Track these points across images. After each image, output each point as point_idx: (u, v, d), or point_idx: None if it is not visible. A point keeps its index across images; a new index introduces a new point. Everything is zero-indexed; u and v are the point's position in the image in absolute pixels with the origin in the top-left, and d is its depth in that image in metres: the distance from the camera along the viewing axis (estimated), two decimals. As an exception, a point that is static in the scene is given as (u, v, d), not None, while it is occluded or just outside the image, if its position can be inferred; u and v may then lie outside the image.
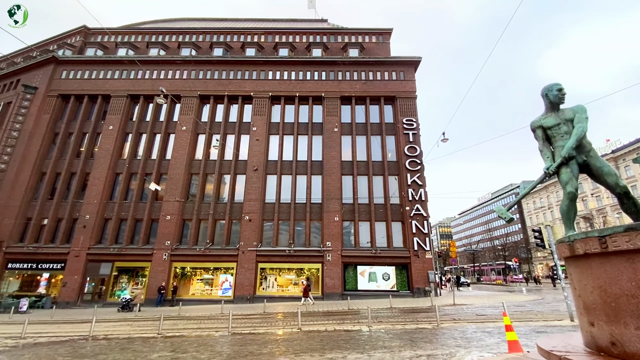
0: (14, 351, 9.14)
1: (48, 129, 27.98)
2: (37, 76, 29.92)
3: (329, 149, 26.55)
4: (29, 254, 24.61)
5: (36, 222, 25.60)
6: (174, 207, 25.18)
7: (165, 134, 28.03)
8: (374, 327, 11.50)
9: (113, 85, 29.21)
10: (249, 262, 23.71)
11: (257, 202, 25.22)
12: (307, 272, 24.18)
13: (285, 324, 13.03)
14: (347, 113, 28.21)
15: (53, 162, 27.16)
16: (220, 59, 29.51)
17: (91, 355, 8.44)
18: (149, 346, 9.38)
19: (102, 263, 24.38)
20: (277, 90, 28.47)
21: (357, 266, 23.97)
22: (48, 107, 28.50)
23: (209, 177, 26.90)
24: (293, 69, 29.24)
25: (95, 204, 25.41)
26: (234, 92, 28.58)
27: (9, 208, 25.24)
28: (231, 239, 25.03)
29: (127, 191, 26.63)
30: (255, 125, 27.51)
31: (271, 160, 26.94)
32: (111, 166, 26.77)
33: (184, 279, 24.34)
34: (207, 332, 11.70)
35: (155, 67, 29.70)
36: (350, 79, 28.70)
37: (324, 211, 24.86)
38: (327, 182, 25.58)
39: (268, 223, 25.45)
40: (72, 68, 30.12)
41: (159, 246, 24.16)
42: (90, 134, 28.27)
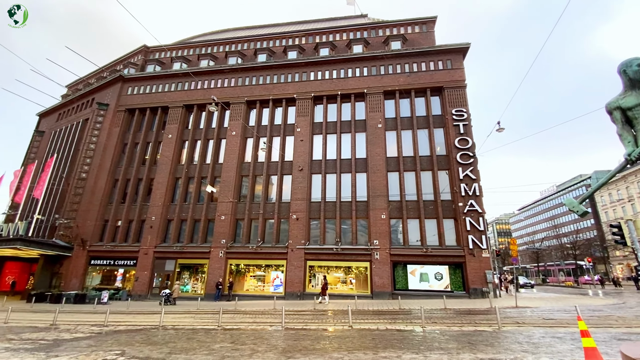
0: (99, 337, 10.41)
1: (118, 140, 31.40)
2: (107, 94, 33.74)
3: (373, 145, 26.16)
4: (107, 252, 27.87)
5: (112, 224, 28.89)
6: (228, 207, 26.71)
7: (217, 140, 29.86)
8: (427, 327, 11.10)
9: (170, 97, 31.84)
10: (297, 260, 24.30)
11: (303, 202, 25.73)
12: (355, 271, 24.12)
13: (336, 321, 13.13)
14: (391, 108, 27.54)
15: (123, 170, 30.44)
16: (264, 65, 30.61)
17: (162, 343, 9.31)
18: (211, 337, 10.08)
19: (166, 260, 26.73)
20: (319, 90, 28.76)
21: (407, 265, 23.31)
22: (117, 121, 31.97)
23: (258, 179, 28.08)
24: (334, 67, 29.31)
25: (159, 206, 27.95)
26: (278, 95, 29.47)
27: (90, 212, 28.81)
28: (280, 237, 25.87)
29: (186, 194, 28.86)
30: (299, 126, 28.08)
31: (315, 160, 27.30)
32: (171, 171, 29.22)
33: (239, 275, 25.72)
34: (261, 326, 12.24)
35: (206, 77, 31.75)
36: (394, 72, 27.95)
37: (370, 209, 24.57)
38: (373, 179, 25.23)
39: (314, 221, 25.85)
40: (135, 84, 33.45)
41: (215, 244, 25.83)
42: (153, 142, 31.14)
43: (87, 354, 7.87)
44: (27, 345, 8.98)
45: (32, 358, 7.43)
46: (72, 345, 8.91)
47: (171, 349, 8.41)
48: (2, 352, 8.03)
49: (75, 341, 9.62)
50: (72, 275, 27.12)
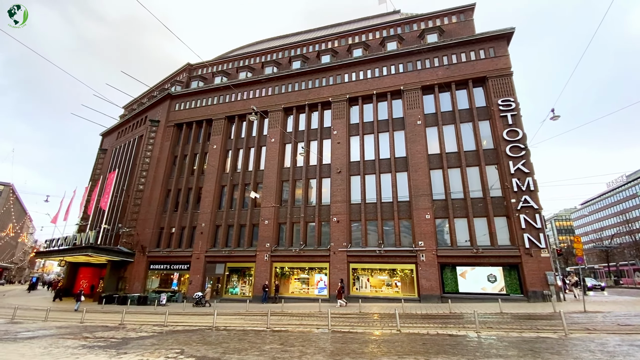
0: (160, 336, 11.22)
1: (169, 153, 33.87)
2: (158, 111, 36.60)
3: (413, 143, 25.36)
4: (164, 257, 30.06)
5: (167, 231, 31.15)
6: (270, 212, 27.50)
7: (258, 147, 30.96)
8: (482, 333, 10.44)
9: (213, 110, 33.68)
10: (340, 263, 24.23)
11: (343, 204, 25.66)
12: (400, 273, 23.46)
13: (383, 325, 12.85)
14: (430, 103, 26.55)
15: (175, 180, 32.74)
16: (299, 71, 31.18)
17: (216, 343, 9.78)
18: (260, 338, 10.40)
19: (216, 264, 28.16)
20: (354, 92, 28.62)
21: (456, 267, 22.16)
22: (168, 135, 34.50)
23: (298, 183, 28.58)
24: (368, 67, 28.99)
25: (208, 213, 29.59)
26: (314, 100, 29.83)
27: (148, 220, 31.34)
28: (322, 240, 26.01)
29: (232, 200, 30.24)
30: (336, 128, 28.13)
31: (353, 161, 27.13)
32: (217, 180, 30.82)
33: (284, 278, 26.28)
34: (308, 328, 12.36)
35: (245, 88, 33.13)
36: (431, 66, 26.94)
37: (413, 209, 23.80)
38: (414, 178, 24.44)
39: (355, 223, 25.63)
40: (182, 100, 35.90)
41: (260, 248, 26.70)
42: (200, 153, 33.13)
43: (151, 351, 8.51)
44: (100, 343, 9.94)
45: (105, 355, 8.21)
46: (138, 344, 9.70)
47: (225, 349, 8.80)
48: (80, 348, 8.97)
49: (140, 340, 10.46)
50: (134, 279, 29.64)
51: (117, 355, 8.05)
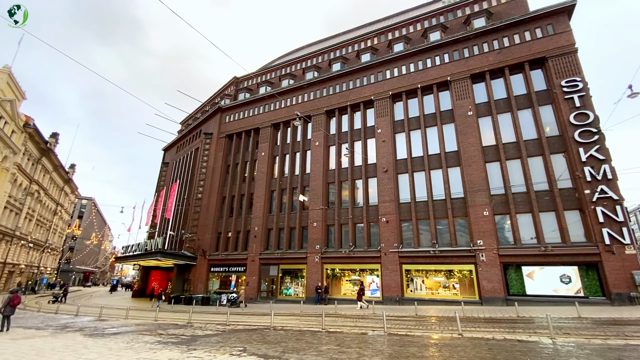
0: (224, 335, 11.93)
1: (222, 162, 36.08)
2: (211, 124, 39.24)
3: (465, 135, 23.91)
4: (222, 260, 32.00)
5: (224, 235, 33.15)
6: (318, 214, 27.85)
7: (303, 151, 31.61)
8: (558, 339, 9.43)
9: (260, 118, 35.18)
10: (392, 264, 23.65)
11: (391, 203, 25.05)
12: (457, 274, 22.19)
13: (443, 328, 12.25)
14: (481, 92, 24.85)
15: (229, 188, 34.77)
16: (339, 73, 31.24)
17: (275, 342, 10.14)
18: (317, 339, 10.54)
19: (270, 266, 29.25)
20: (397, 88, 27.87)
21: (522, 267, 20.34)
22: (220, 146, 36.79)
23: (344, 184, 28.56)
24: (411, 61, 28.04)
25: (260, 217, 30.91)
26: (355, 100, 29.64)
27: (206, 226, 33.66)
28: (371, 241, 25.63)
29: (281, 204, 31.24)
30: (380, 127, 27.63)
31: (400, 159, 26.37)
32: (267, 185, 32.08)
33: (335, 280, 26.38)
34: (363, 330, 12.24)
35: (288, 95, 34.10)
36: (480, 52, 25.21)
37: (468, 206, 22.39)
38: (468, 173, 23.00)
39: (406, 223, 24.84)
40: (231, 112, 38.07)
41: (310, 250, 27.15)
42: (250, 161, 34.79)
43: (217, 349, 9.10)
44: (172, 339, 10.88)
45: (177, 350, 8.96)
46: (205, 341, 10.43)
47: (284, 348, 9.08)
48: (156, 344, 9.90)
49: (206, 337, 11.24)
50: (198, 281, 31.97)
51: (187, 351, 8.73)
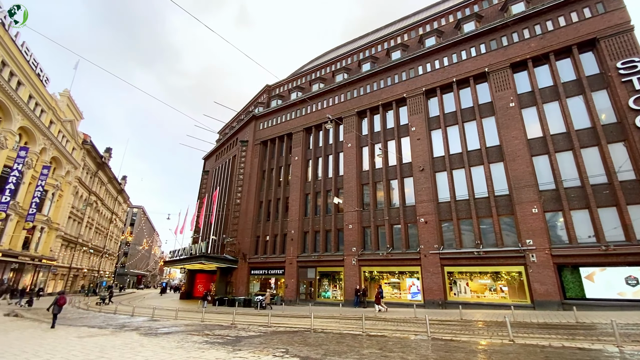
0: (266, 336, 12.21)
1: (258, 168, 37.18)
2: (246, 132, 40.67)
3: (507, 129, 22.52)
4: (261, 263, 32.87)
5: (262, 239, 34.06)
6: (353, 216, 27.65)
7: (336, 154, 31.63)
8: (626, 347, 8.50)
9: (292, 124, 35.82)
10: (433, 266, 22.80)
11: (430, 203, 24.20)
12: (505, 276, 20.85)
13: (492, 334, 11.56)
14: (523, 81, 23.29)
15: (265, 193, 35.73)
16: (369, 73, 30.92)
17: (316, 344, 10.19)
18: (358, 342, 10.44)
19: (308, 268, 29.51)
20: (430, 83, 26.98)
21: (579, 268, 18.63)
22: (256, 153, 37.97)
23: (378, 185, 28.11)
24: (444, 54, 27.03)
25: (296, 221, 31.37)
26: (387, 99, 29.14)
27: (246, 230, 34.82)
28: (410, 242, 24.93)
29: (316, 207, 31.46)
30: (414, 124, 26.88)
31: (437, 157, 25.43)
32: (301, 189, 32.50)
33: (373, 282, 25.97)
34: (405, 334, 11.91)
35: (319, 99, 34.39)
36: (520, 39, 23.67)
37: (514, 203, 21.00)
38: (513, 168, 21.60)
39: (446, 223, 23.86)
40: (264, 120, 39.18)
41: (347, 252, 27.01)
42: (284, 166, 35.52)
43: (261, 349, 9.34)
44: (218, 339, 11.34)
45: (224, 350, 9.33)
46: (249, 342, 10.75)
47: (325, 350, 9.10)
48: (204, 344, 10.37)
49: (250, 338, 11.59)
50: (239, 283, 33.10)
51: (233, 352, 9.06)
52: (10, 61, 27.13)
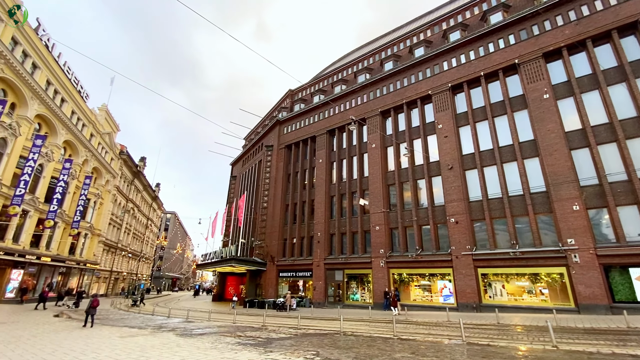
0: (296, 338, 12.29)
1: (283, 172, 37.70)
2: (271, 137, 41.40)
3: (542, 122, 21.33)
4: (289, 265, 33.20)
5: (289, 241, 34.43)
6: (380, 217, 27.28)
7: (360, 155, 31.40)
8: (692, 357, 7.71)
9: (315, 127, 36.03)
10: (465, 268, 21.97)
11: (460, 202, 23.39)
12: (545, 278, 19.68)
13: (532, 339, 10.94)
14: (558, 71, 21.98)
15: (291, 196, 36.14)
16: (391, 72, 30.48)
17: (346, 347, 10.12)
18: (389, 346, 10.25)
19: (335, 270, 29.43)
20: (456, 79, 26.14)
21: (628, 268, 17.21)
22: (280, 157, 38.53)
23: (405, 185, 27.56)
24: (470, 48, 26.11)
25: (322, 223, 31.43)
26: (411, 97, 28.57)
27: (273, 233, 35.35)
28: (440, 243, 24.20)
29: (341, 209, 31.35)
30: (440, 122, 26.14)
31: (466, 154, 24.56)
32: (326, 191, 32.55)
33: (403, 285, 25.43)
34: (438, 338, 11.55)
35: (341, 101, 34.36)
36: (553, 27, 22.39)
37: (553, 200, 19.80)
38: (549, 163, 20.41)
39: (478, 223, 22.93)
40: (288, 124, 39.70)
41: (375, 254, 26.65)
42: (309, 169, 35.76)
43: (292, 352, 9.42)
44: (250, 341, 11.57)
45: (256, 352, 9.50)
46: (280, 344, 10.88)
47: (356, 354, 9.02)
48: (236, 345, 10.62)
49: (281, 340, 11.72)
50: (268, 286, 33.62)
51: (265, 353, 9.20)
52: (55, 80, 29.41)
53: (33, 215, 27.76)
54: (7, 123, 23.43)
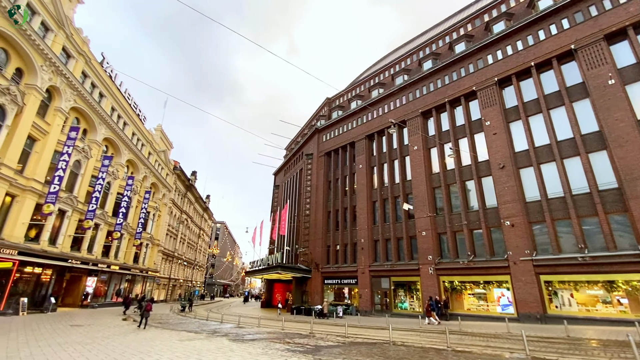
0: (344, 347, 12.15)
1: (324, 179, 38.00)
2: (310, 146, 42.08)
3: (608, 111, 19.12)
4: (334, 272, 33.11)
5: (333, 248, 34.42)
6: (426, 222, 26.20)
7: (401, 158, 30.59)
8: None
9: (354, 133, 35.93)
10: (525, 275, 20.18)
11: (515, 203, 21.66)
12: (623, 286, 17.36)
13: (610, 355, 9.67)
14: (624, 53, 19.63)
15: (332, 203, 36.24)
16: (431, 71, 29.47)
17: (397, 357, 9.77)
18: (443, 357, 9.70)
19: (381, 278, 28.73)
20: (503, 71, 24.50)
21: None
22: (320, 164, 38.93)
23: (452, 188, 26.24)
24: (516, 38, 24.39)
25: (365, 229, 31.00)
26: (454, 94, 27.31)
27: (316, 240, 35.63)
28: (495, 248, 22.55)
29: (384, 215, 30.67)
30: (488, 118, 24.61)
31: (519, 151, 22.77)
32: (368, 196, 32.12)
33: (455, 293, 24.04)
34: (498, 351, 10.69)
35: (380, 105, 33.92)
36: (614, 5, 20.12)
37: (628, 198, 17.52)
38: (620, 156, 18.15)
39: (537, 225, 21.01)
40: (326, 132, 40.08)
41: (422, 261, 25.59)
42: (349, 175, 35.64)
43: (340, 360, 9.32)
44: (299, 348, 11.67)
45: (305, 358, 9.56)
46: (328, 352, 10.83)
47: (407, 365, 8.66)
48: (286, 352, 10.77)
49: (329, 348, 11.67)
50: (314, 293, 33.79)
51: (313, 361, 9.23)
52: (118, 106, 32.87)
53: (103, 227, 30.98)
54: (81, 147, 26.60)
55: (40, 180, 22.19)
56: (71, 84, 24.63)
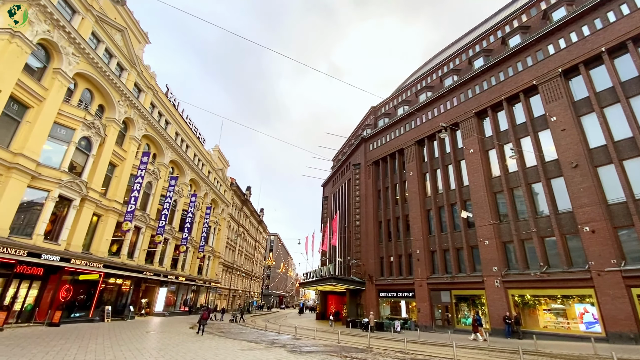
0: (404, 362, 11.62)
1: (373, 189, 37.45)
2: (357, 155, 41.96)
3: None
4: (389, 285, 32.06)
5: (386, 260, 33.46)
6: (488, 230, 24.28)
7: (456, 163, 28.95)
8: None
9: (402, 139, 35.05)
10: (613, 288, 17.53)
11: (594, 207, 19.11)
12: None
13: None
14: None
15: (383, 212, 35.43)
16: (483, 68, 27.78)
17: (462, 378, 9.07)
18: (516, 381, 8.78)
19: (441, 291, 27.07)
20: (568, 61, 22.15)
21: None
22: (369, 174, 38.51)
23: (515, 192, 24.07)
24: (581, 23, 21.97)
25: (420, 240, 29.69)
26: (511, 91, 25.32)
27: (368, 251, 34.98)
28: (573, 258, 20.01)
29: (440, 223, 29.10)
30: (553, 114, 22.32)
31: (595, 147, 20.19)
32: (421, 205, 30.83)
33: (527, 308, 21.70)
34: (585, 377, 9.35)
35: (428, 109, 32.76)
36: None
37: None
38: None
39: (623, 231, 18.24)
40: (373, 140, 39.69)
41: (486, 273, 23.64)
42: (399, 183, 34.67)
43: (400, 377, 8.94)
44: (356, 362, 11.45)
45: (363, 373, 9.35)
46: (386, 368, 10.46)
47: (474, 387, 8.01)
48: (343, 365, 10.64)
49: (387, 364, 11.26)
50: (369, 306, 32.99)
51: (372, 376, 8.98)
52: (181, 132, 36.34)
53: (171, 242, 34.01)
54: (151, 170, 29.78)
55: (120, 200, 25.25)
56: (142, 115, 27.92)
